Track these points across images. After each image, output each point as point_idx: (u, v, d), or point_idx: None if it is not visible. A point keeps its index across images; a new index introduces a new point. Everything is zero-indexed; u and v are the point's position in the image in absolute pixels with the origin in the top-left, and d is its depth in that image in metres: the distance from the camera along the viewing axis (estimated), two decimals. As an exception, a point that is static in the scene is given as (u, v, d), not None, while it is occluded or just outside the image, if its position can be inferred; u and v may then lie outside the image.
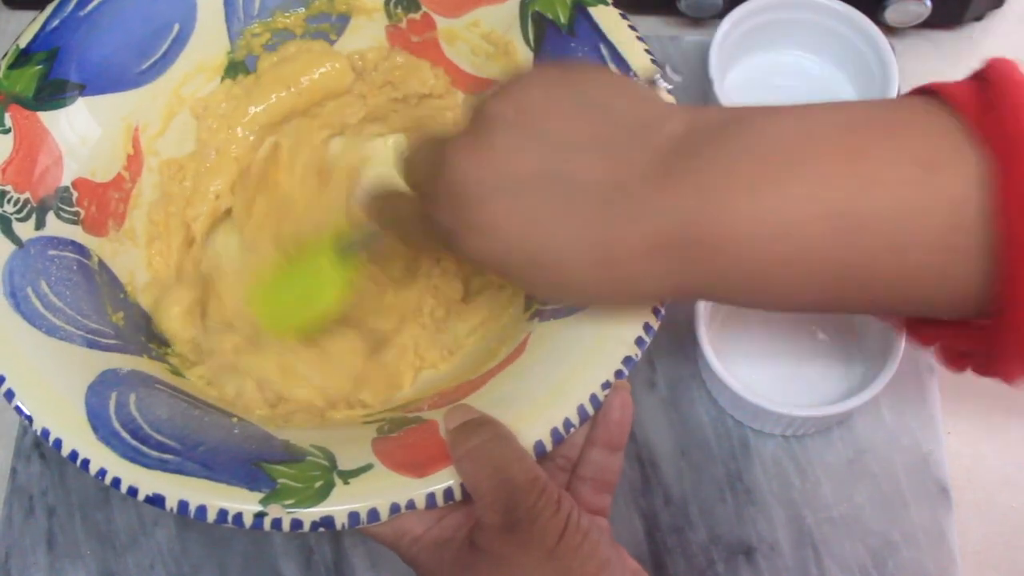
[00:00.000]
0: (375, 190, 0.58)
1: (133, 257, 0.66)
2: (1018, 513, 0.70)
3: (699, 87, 0.77)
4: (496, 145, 0.47)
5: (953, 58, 0.82)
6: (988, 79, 0.43)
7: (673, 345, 0.73)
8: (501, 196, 0.47)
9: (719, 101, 0.74)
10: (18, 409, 0.54)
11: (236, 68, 0.70)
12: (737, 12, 0.77)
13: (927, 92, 0.45)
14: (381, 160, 0.72)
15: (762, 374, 0.71)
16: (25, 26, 0.65)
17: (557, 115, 0.48)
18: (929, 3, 0.77)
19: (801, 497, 0.70)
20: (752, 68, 0.80)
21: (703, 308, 0.68)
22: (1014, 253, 0.40)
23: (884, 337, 0.68)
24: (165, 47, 0.67)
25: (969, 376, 0.73)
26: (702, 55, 0.77)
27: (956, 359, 0.49)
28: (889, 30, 0.77)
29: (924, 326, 0.49)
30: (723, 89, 0.75)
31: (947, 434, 0.72)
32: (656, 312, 0.55)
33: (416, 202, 0.52)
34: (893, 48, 0.75)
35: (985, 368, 0.46)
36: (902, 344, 0.66)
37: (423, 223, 0.51)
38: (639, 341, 0.54)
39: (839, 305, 0.49)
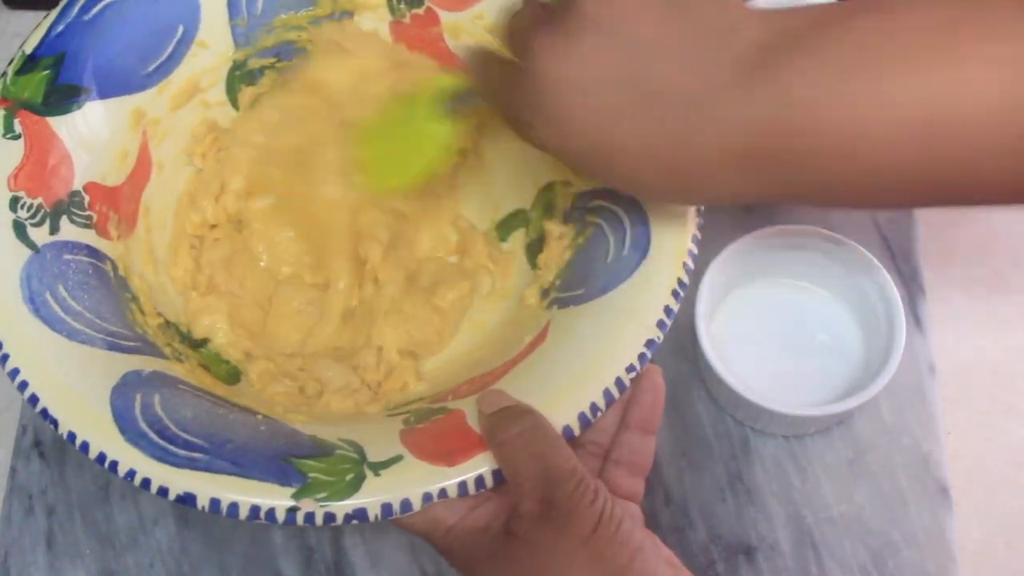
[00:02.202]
0: (478, 49, 0.60)
1: (144, 259, 0.68)
2: (1018, 513, 0.73)
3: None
4: (583, 43, 0.50)
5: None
6: None
7: (673, 345, 0.75)
8: (580, 94, 0.50)
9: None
10: (43, 413, 0.55)
11: (241, 67, 0.71)
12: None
13: None
14: None
15: (762, 374, 0.73)
16: (27, 29, 0.67)
17: (645, 19, 0.49)
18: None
19: (801, 497, 0.72)
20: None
21: (703, 308, 0.70)
22: None
23: (884, 337, 0.70)
24: (170, 49, 0.69)
25: (969, 376, 0.75)
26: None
27: None
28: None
29: None
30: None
31: (947, 434, 0.74)
32: (675, 295, 0.57)
33: (511, 69, 0.54)
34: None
35: None
36: (902, 344, 0.68)
37: (506, 104, 0.54)
38: (660, 324, 0.56)
39: (929, 203, 0.50)
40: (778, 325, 0.76)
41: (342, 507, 0.52)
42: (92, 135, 0.65)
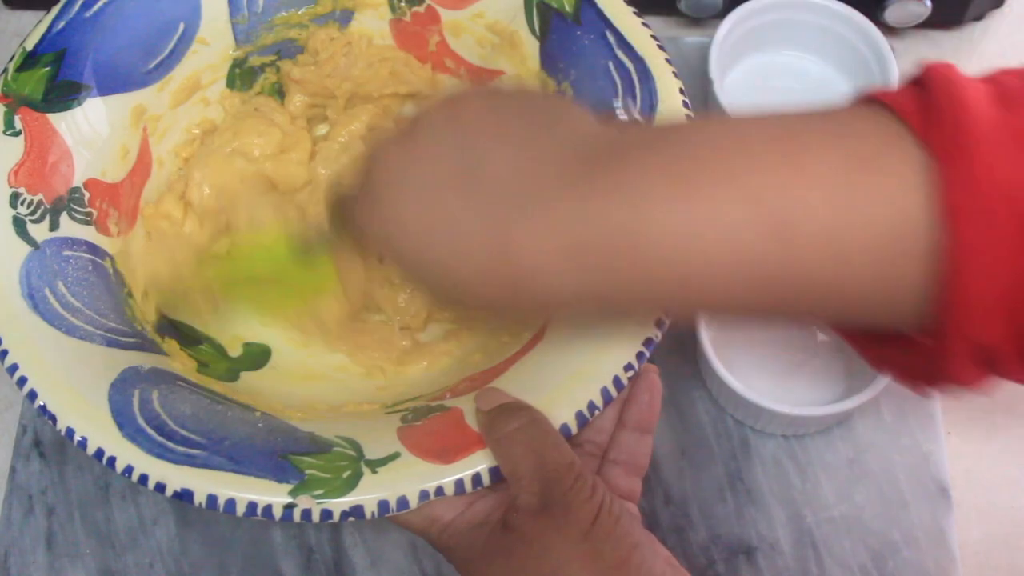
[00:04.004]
0: (334, 189, 0.58)
1: (142, 256, 0.68)
2: (1018, 513, 0.72)
3: (699, 87, 0.79)
4: (419, 144, 0.49)
5: (953, 58, 0.84)
6: (927, 83, 0.43)
7: (673, 345, 0.75)
8: (413, 193, 0.48)
9: (719, 101, 0.76)
10: (42, 409, 0.56)
11: (241, 65, 0.72)
12: (737, 12, 0.79)
13: (871, 100, 0.45)
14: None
15: (762, 374, 0.73)
16: (27, 29, 0.67)
17: (486, 120, 0.49)
18: (929, 3, 0.79)
19: (801, 497, 0.72)
20: (752, 68, 0.83)
21: (703, 308, 0.70)
22: (961, 254, 0.40)
23: (884, 337, 0.70)
24: (171, 46, 0.69)
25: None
26: (702, 55, 0.79)
27: (911, 378, 0.48)
28: (889, 30, 0.79)
29: (872, 345, 0.49)
30: (723, 89, 0.77)
31: (947, 434, 0.74)
32: None
33: (360, 191, 0.53)
34: (893, 48, 0.78)
35: (936, 380, 0.46)
36: (902, 344, 0.68)
37: (350, 220, 0.53)
38: (659, 322, 0.56)
39: (776, 313, 0.48)
40: (778, 325, 0.75)
41: (339, 504, 0.52)
42: (92, 132, 0.65)
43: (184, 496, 0.53)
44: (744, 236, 0.43)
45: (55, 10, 0.66)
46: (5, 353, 0.57)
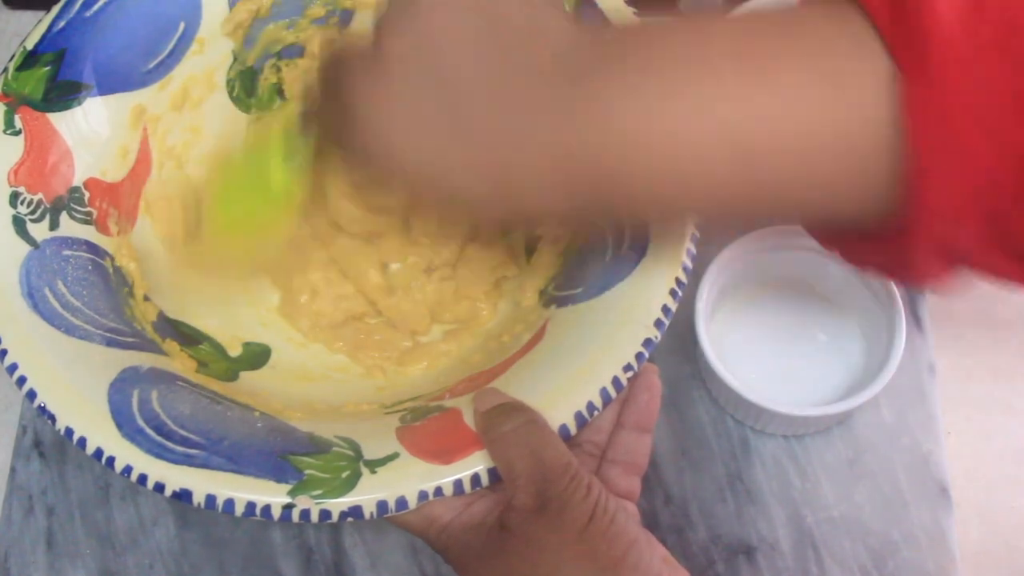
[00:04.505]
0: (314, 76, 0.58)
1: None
2: (1018, 513, 0.72)
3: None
4: (394, 78, 0.49)
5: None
6: None
7: (673, 345, 0.75)
8: (396, 126, 0.49)
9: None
10: (41, 408, 0.55)
11: (242, 65, 0.71)
12: (736, 12, 0.78)
13: None
14: None
15: (762, 374, 0.73)
16: (28, 27, 0.67)
17: (458, 44, 0.49)
18: None
19: (801, 497, 0.72)
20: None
21: (703, 308, 0.70)
22: (920, 162, 0.41)
23: (884, 337, 0.70)
24: (171, 46, 0.69)
25: (969, 376, 0.75)
26: (702, 55, 0.79)
27: (889, 274, 0.50)
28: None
29: (849, 244, 0.50)
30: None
31: (947, 434, 0.74)
32: (673, 295, 0.57)
33: (338, 106, 0.54)
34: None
35: (908, 276, 0.48)
36: (902, 344, 0.68)
37: (339, 140, 0.54)
38: (658, 323, 0.56)
39: (754, 217, 0.53)
40: (778, 325, 0.75)
41: (338, 504, 0.52)
42: (92, 131, 0.65)
43: (183, 496, 0.53)
44: (708, 154, 0.44)
45: (55, 10, 0.66)
46: (4, 352, 0.57)
